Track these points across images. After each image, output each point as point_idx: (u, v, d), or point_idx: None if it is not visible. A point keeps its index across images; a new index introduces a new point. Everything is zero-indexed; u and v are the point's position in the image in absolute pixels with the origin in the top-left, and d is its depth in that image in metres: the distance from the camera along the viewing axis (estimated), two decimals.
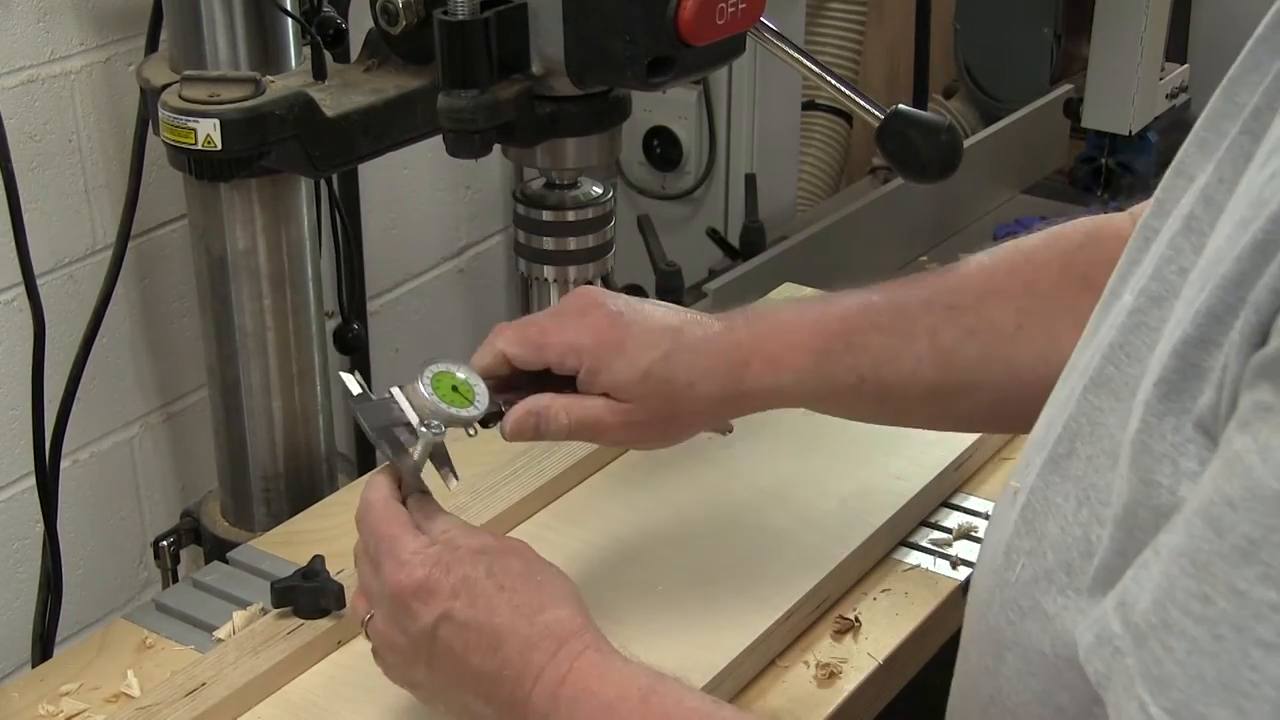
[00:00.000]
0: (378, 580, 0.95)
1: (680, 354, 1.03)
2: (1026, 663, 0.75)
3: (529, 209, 1.28)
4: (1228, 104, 0.73)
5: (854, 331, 1.06)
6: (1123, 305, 0.74)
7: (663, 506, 1.28)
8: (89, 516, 1.71)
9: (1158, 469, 0.64)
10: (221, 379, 1.42)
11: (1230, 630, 0.57)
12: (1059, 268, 1.06)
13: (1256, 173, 0.65)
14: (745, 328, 1.07)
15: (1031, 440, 0.82)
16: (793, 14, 2.29)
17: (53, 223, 1.59)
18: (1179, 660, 0.59)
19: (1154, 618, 0.60)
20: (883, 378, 1.06)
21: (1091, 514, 0.71)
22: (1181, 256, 0.70)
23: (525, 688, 0.89)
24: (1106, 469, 0.70)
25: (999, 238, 2.40)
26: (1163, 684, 0.59)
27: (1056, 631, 0.72)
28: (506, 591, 0.92)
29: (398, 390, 0.99)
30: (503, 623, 0.91)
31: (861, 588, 1.22)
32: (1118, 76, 2.35)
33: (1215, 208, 0.68)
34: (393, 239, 2.04)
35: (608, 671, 0.89)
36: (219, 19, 1.32)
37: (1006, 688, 0.77)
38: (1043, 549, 0.74)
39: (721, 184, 2.33)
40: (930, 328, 1.06)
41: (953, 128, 1.24)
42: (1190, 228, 0.70)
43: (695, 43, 1.12)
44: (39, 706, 1.10)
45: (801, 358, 1.06)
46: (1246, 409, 0.58)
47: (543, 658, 0.90)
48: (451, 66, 1.15)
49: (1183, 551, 0.60)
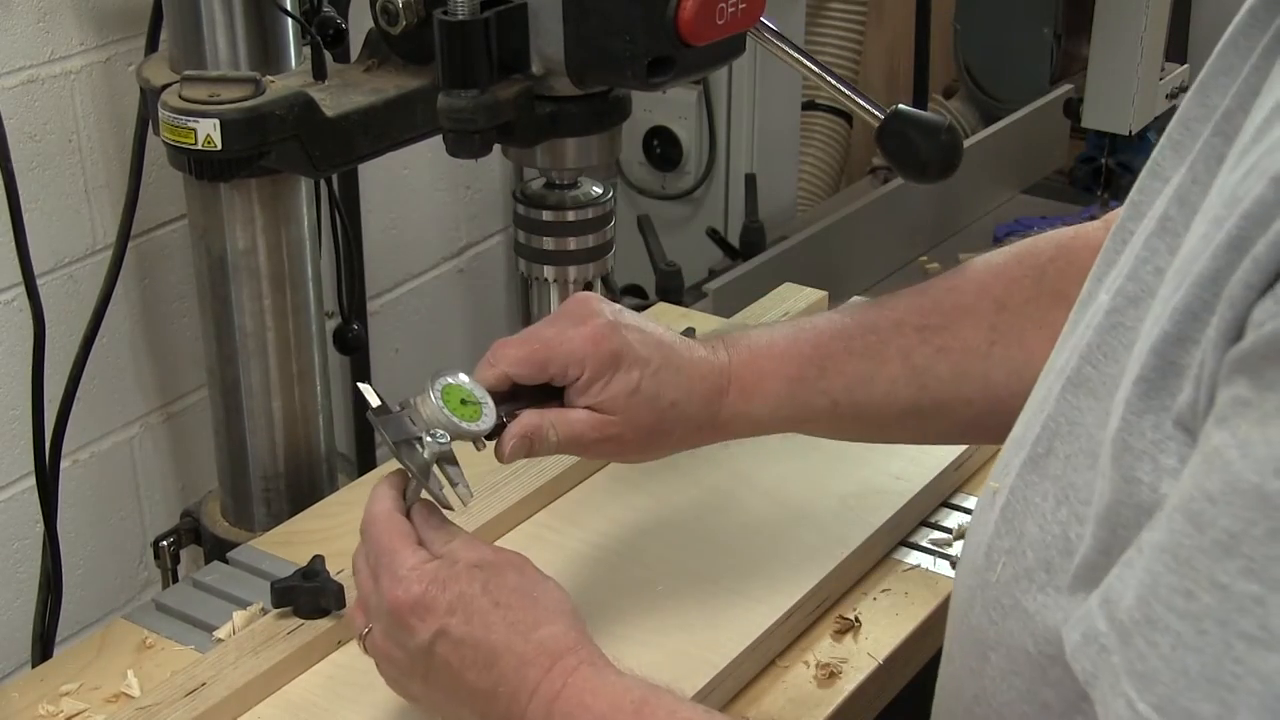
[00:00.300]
0: (376, 594, 0.95)
1: (667, 372, 1.04)
2: (1010, 661, 0.76)
3: (529, 209, 1.28)
4: (1200, 106, 0.74)
5: (827, 357, 1.07)
6: (1099, 305, 0.75)
7: (663, 506, 1.28)
8: (89, 516, 1.71)
9: (1139, 466, 0.64)
10: (221, 379, 1.42)
11: (1214, 624, 0.57)
12: (1031, 282, 1.07)
13: (1229, 173, 0.65)
14: (725, 353, 1.07)
15: (1011, 440, 0.83)
16: (793, 14, 2.29)
17: (53, 223, 1.59)
18: (1163, 655, 0.59)
19: (1138, 614, 0.61)
20: (857, 401, 1.07)
21: (1071, 513, 0.72)
22: (1157, 257, 0.70)
23: (520, 704, 0.90)
24: (1085, 467, 0.71)
25: (999, 238, 2.40)
26: (1148, 680, 0.59)
27: (1038, 629, 0.73)
28: (502, 608, 0.92)
29: (410, 402, 1.00)
30: (498, 639, 0.91)
31: (861, 588, 1.22)
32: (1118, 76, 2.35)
33: (1189, 208, 0.69)
34: (393, 239, 2.04)
35: (601, 686, 0.89)
36: (219, 19, 1.32)
37: (991, 687, 0.77)
38: (1022, 548, 0.75)
39: (721, 184, 2.33)
40: (903, 349, 1.06)
41: (953, 128, 1.24)
42: (1165, 228, 0.71)
43: (695, 43, 1.12)
44: (39, 706, 1.10)
45: (775, 385, 1.06)
46: (1224, 404, 0.59)
47: (537, 674, 0.90)
48: (451, 66, 1.15)
49: (1165, 548, 0.60)
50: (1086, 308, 0.78)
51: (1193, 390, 0.62)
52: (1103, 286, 0.77)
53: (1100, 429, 0.69)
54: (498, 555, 0.97)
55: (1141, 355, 0.65)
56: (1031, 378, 0.84)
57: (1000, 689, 0.77)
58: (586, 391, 1.02)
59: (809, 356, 1.07)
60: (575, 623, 0.94)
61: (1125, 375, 0.67)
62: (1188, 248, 0.66)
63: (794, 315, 1.56)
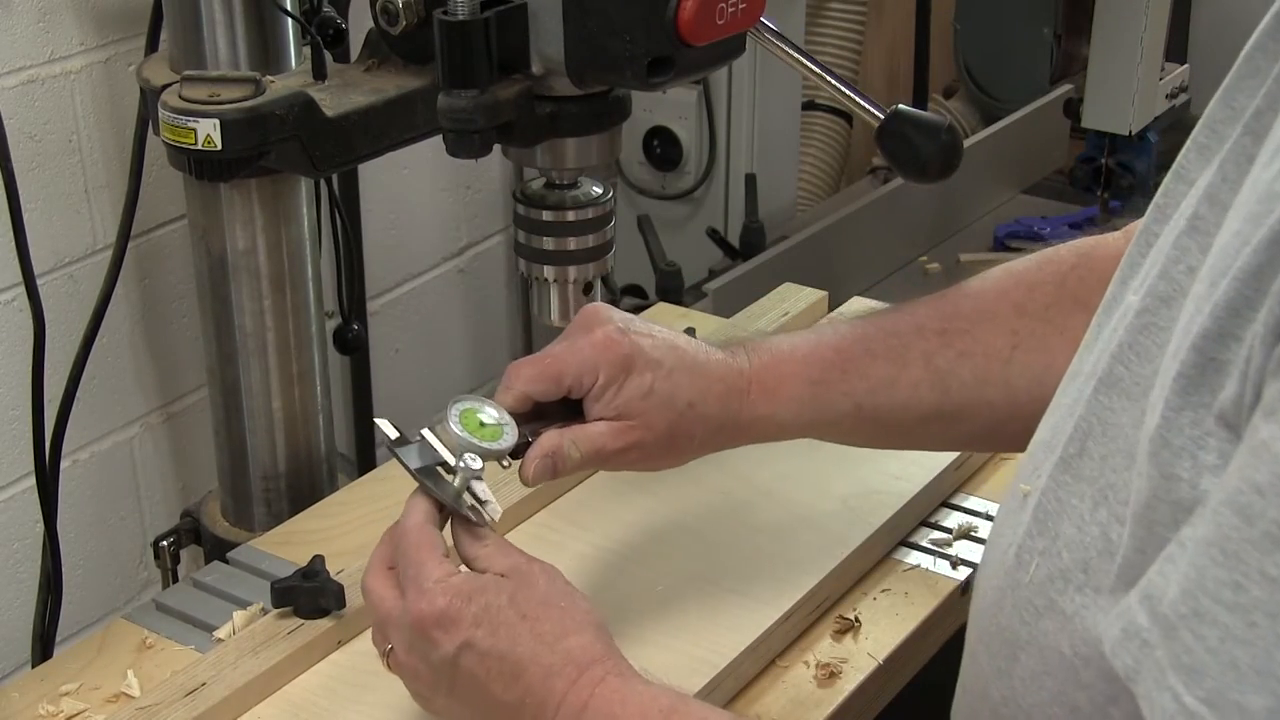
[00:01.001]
0: (400, 607, 0.95)
1: (681, 373, 1.04)
2: (1043, 663, 0.75)
3: (529, 209, 1.28)
4: (1226, 109, 0.74)
5: (849, 360, 1.07)
6: (1128, 307, 0.75)
7: (663, 506, 1.28)
8: (89, 516, 1.71)
9: (1177, 463, 0.64)
10: (221, 379, 1.42)
11: (1264, 617, 0.57)
12: (1052, 288, 1.07)
13: (1263, 170, 0.65)
14: (745, 356, 1.08)
15: (1037, 443, 0.83)
16: (793, 14, 2.29)
17: (53, 223, 1.59)
18: (1211, 649, 0.59)
19: (1184, 608, 0.60)
20: (879, 404, 1.07)
21: (1110, 514, 0.72)
22: (1188, 256, 0.70)
23: (548, 715, 0.90)
24: (1123, 468, 0.71)
25: (999, 238, 2.40)
26: (1195, 673, 0.59)
27: (1076, 631, 0.73)
28: (529, 620, 0.92)
29: (428, 431, 1.01)
30: (524, 651, 0.91)
31: (861, 588, 1.22)
32: (1118, 76, 2.35)
33: (1220, 207, 0.69)
34: (393, 239, 2.04)
35: (629, 695, 0.89)
36: (219, 19, 1.32)
37: (1020, 688, 0.77)
38: (1057, 549, 0.75)
39: (721, 184, 2.33)
40: (925, 353, 1.07)
41: (953, 128, 1.23)
42: (1195, 227, 0.71)
43: (695, 43, 1.12)
44: (39, 706, 1.10)
45: (798, 388, 1.07)
46: (1272, 398, 0.59)
47: (564, 685, 0.90)
48: (451, 66, 1.15)
49: (1212, 541, 0.60)
50: (1111, 312, 0.79)
51: (1238, 385, 0.61)
52: (1128, 289, 0.77)
53: (1136, 428, 0.69)
54: (529, 564, 0.96)
55: (1180, 352, 0.65)
56: (1052, 383, 0.85)
57: (1030, 690, 0.77)
58: (602, 398, 1.03)
59: (831, 360, 1.07)
60: (602, 634, 0.94)
61: (1161, 373, 0.67)
62: (1221, 244, 0.66)
63: (794, 315, 1.56)
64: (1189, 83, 2.56)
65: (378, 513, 1.29)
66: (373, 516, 1.29)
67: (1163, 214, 0.77)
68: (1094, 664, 0.70)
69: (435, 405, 2.07)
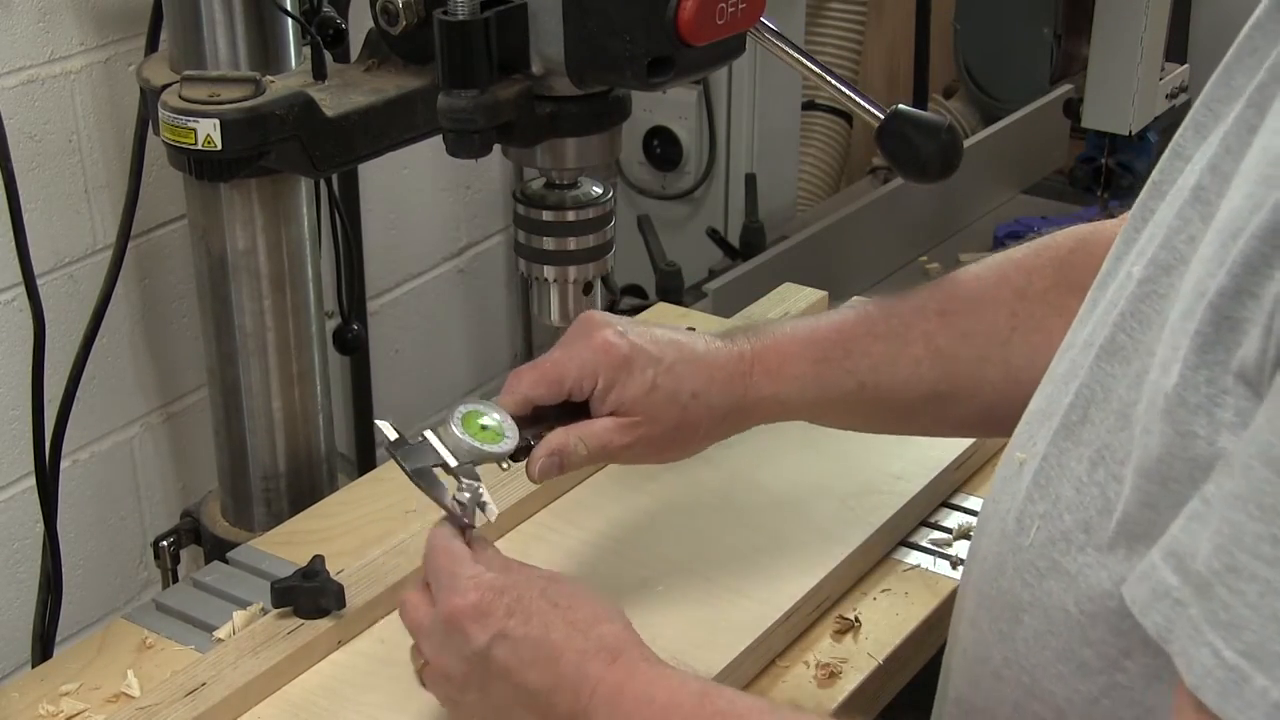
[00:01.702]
0: (432, 614, 0.96)
1: (683, 365, 1.06)
2: (1047, 623, 0.76)
3: (529, 209, 1.28)
4: (1224, 88, 0.75)
5: (851, 339, 1.09)
6: (1128, 277, 0.76)
7: (662, 507, 1.28)
8: (89, 516, 1.71)
9: (1194, 420, 0.65)
10: (221, 379, 1.42)
11: None
12: (1051, 271, 1.09)
13: (1273, 136, 0.66)
14: (746, 341, 1.09)
15: (1033, 413, 0.84)
16: (793, 14, 2.29)
17: (53, 223, 1.59)
18: (1250, 603, 0.59)
19: (1217, 563, 0.61)
20: (881, 383, 1.08)
21: (1108, 473, 0.73)
22: (1190, 225, 0.72)
23: (583, 699, 0.91)
24: (1118, 429, 0.72)
25: (999, 238, 2.40)
26: (1234, 628, 0.59)
27: (1080, 589, 0.74)
28: (560, 609, 0.93)
29: (430, 433, 1.02)
30: (559, 637, 0.92)
31: (861, 588, 1.22)
32: (1118, 76, 2.35)
33: (1222, 177, 0.70)
34: (393, 239, 2.04)
35: (662, 680, 0.90)
36: (219, 19, 1.32)
37: (1024, 649, 0.78)
38: (1058, 511, 0.76)
39: (721, 184, 2.33)
40: (926, 332, 1.08)
41: (953, 128, 1.23)
42: (1198, 197, 0.72)
43: (695, 43, 1.12)
44: (39, 706, 1.10)
45: (801, 367, 1.08)
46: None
47: (600, 668, 0.91)
48: (451, 66, 1.15)
49: (1246, 496, 0.60)
50: (1106, 287, 0.80)
51: (1260, 341, 0.62)
52: (1124, 265, 0.78)
53: (1131, 391, 0.71)
54: (551, 571, 0.99)
55: (1196, 312, 0.65)
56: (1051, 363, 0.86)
57: (1033, 650, 0.78)
58: (605, 398, 1.04)
59: (834, 340, 1.09)
60: (630, 626, 0.95)
61: (1167, 333, 0.68)
62: (1229, 208, 0.67)
63: (794, 315, 1.56)
64: (1189, 83, 2.56)
65: (378, 513, 1.30)
66: (373, 516, 1.29)
67: (1159, 190, 0.78)
68: (1102, 620, 0.70)
69: (435, 405, 2.07)
